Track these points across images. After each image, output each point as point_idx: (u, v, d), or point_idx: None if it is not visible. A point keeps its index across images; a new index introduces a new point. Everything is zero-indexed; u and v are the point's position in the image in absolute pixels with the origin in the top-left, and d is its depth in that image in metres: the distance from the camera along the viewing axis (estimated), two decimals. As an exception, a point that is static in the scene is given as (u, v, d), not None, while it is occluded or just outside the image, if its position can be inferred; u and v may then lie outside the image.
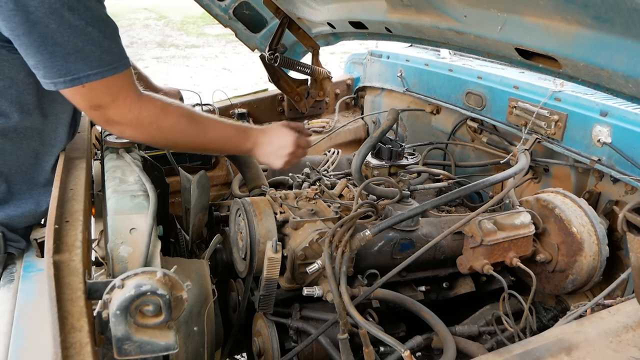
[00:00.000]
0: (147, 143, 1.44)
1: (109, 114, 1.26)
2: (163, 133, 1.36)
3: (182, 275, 1.12)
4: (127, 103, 1.27)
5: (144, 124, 1.31)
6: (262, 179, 2.01)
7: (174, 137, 1.39)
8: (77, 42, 1.13)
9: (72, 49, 1.13)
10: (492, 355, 0.94)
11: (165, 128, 1.35)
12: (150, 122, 1.32)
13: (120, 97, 1.26)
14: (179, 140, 1.42)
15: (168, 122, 1.35)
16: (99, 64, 1.17)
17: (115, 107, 1.26)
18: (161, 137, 1.38)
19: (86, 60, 1.15)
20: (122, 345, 0.81)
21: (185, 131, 1.40)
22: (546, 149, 1.98)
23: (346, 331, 1.33)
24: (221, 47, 12.64)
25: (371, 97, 2.97)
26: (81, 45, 1.13)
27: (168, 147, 1.46)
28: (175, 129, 1.37)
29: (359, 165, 1.66)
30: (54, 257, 0.93)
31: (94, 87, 1.20)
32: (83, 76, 1.16)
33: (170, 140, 1.42)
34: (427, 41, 1.78)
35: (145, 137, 1.37)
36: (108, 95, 1.24)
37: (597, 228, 1.59)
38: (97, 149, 1.90)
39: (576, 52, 1.19)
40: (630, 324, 1.01)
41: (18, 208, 1.35)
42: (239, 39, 2.73)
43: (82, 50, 1.14)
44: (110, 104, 1.25)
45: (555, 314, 1.71)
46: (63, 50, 1.12)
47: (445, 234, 1.44)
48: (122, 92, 1.26)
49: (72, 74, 1.15)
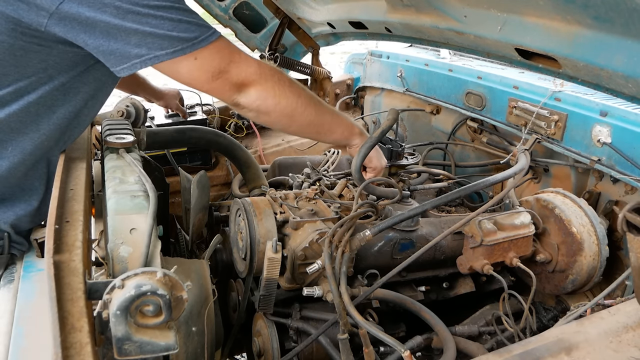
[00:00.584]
0: (269, 106, 1.35)
1: (232, 75, 1.25)
2: (284, 87, 1.33)
3: (182, 275, 1.12)
4: (243, 58, 1.27)
5: (266, 74, 1.30)
6: (262, 179, 2.01)
7: (293, 95, 1.35)
8: (173, 18, 1.14)
9: (171, 26, 1.14)
10: (492, 355, 0.94)
11: (286, 82, 1.34)
12: (271, 72, 1.31)
13: (235, 55, 1.25)
14: (294, 99, 1.36)
15: (287, 78, 1.34)
16: (201, 32, 1.18)
17: (236, 66, 1.25)
18: (282, 93, 1.33)
19: (187, 31, 1.16)
20: (122, 346, 0.81)
21: (304, 94, 1.38)
22: (546, 149, 1.98)
23: (346, 331, 1.33)
24: (221, 47, 12.61)
25: (371, 97, 2.97)
26: (177, 20, 1.15)
27: (286, 110, 1.38)
28: (295, 87, 1.36)
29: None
30: (54, 257, 0.93)
31: (207, 54, 1.20)
32: (188, 46, 1.15)
33: (289, 98, 1.35)
34: (427, 41, 1.79)
35: (267, 92, 1.31)
36: (224, 58, 1.23)
37: (597, 228, 1.59)
38: (97, 149, 1.90)
39: (576, 52, 1.19)
40: (630, 324, 1.01)
41: (28, 206, 1.35)
42: (239, 39, 2.73)
43: (180, 24, 1.15)
44: (229, 64, 1.24)
45: (555, 314, 1.72)
46: (162, 29, 1.13)
47: (445, 234, 1.44)
48: (234, 51, 1.26)
49: (176, 45, 1.14)
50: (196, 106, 2.59)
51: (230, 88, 1.27)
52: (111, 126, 1.62)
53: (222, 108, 2.62)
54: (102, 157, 1.55)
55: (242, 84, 1.27)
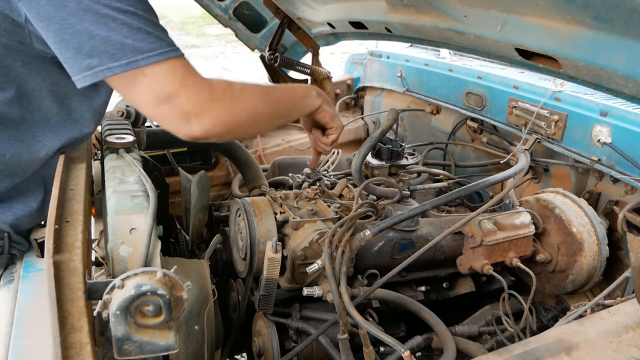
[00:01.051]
0: (227, 123, 1.24)
1: (182, 102, 1.12)
2: (237, 101, 1.23)
3: (182, 275, 1.12)
4: (195, 83, 1.15)
5: (218, 97, 1.17)
6: (262, 179, 2.01)
7: (248, 103, 1.26)
8: (133, 24, 1.06)
9: (128, 32, 1.05)
10: (492, 355, 0.94)
11: (237, 94, 1.23)
12: (223, 92, 1.19)
13: (189, 80, 1.14)
14: (251, 105, 1.27)
15: (237, 87, 1.23)
16: (159, 45, 1.08)
17: (185, 91, 1.12)
18: (238, 108, 1.23)
19: (145, 41, 1.07)
20: (122, 346, 0.81)
21: (255, 94, 1.29)
22: (546, 149, 1.98)
23: (346, 331, 1.33)
24: (221, 47, 12.64)
25: (371, 97, 2.97)
26: (136, 28, 1.06)
27: (247, 120, 1.30)
28: (246, 92, 1.25)
29: (359, 165, 1.66)
30: (54, 257, 0.93)
31: (157, 72, 1.09)
32: (141, 58, 1.06)
33: (247, 108, 1.26)
34: (427, 41, 1.78)
35: (224, 115, 1.20)
36: (174, 81, 1.11)
37: (597, 228, 1.59)
38: (97, 149, 1.90)
39: (576, 52, 1.19)
40: (630, 324, 1.01)
41: (26, 207, 1.34)
42: (239, 39, 2.73)
43: (139, 32, 1.06)
44: (179, 88, 1.12)
45: (555, 314, 1.71)
46: (118, 34, 1.04)
47: (445, 234, 1.44)
48: (188, 74, 1.14)
49: (130, 56, 1.05)
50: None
51: (180, 117, 1.13)
52: (111, 126, 1.62)
53: (222, 108, 2.62)
54: (102, 157, 1.55)
55: (192, 113, 1.14)
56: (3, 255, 1.30)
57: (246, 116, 1.27)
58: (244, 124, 1.28)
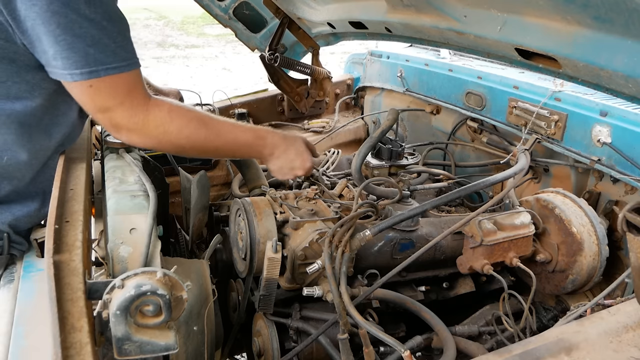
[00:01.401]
0: (154, 149, 1.39)
1: (116, 117, 1.23)
2: (170, 137, 1.31)
3: (182, 275, 1.12)
4: (133, 106, 1.23)
5: (150, 128, 1.27)
6: (262, 179, 2.01)
7: (181, 142, 1.34)
8: (95, 34, 1.11)
9: (91, 41, 1.11)
10: (492, 355, 0.94)
11: (173, 132, 1.30)
12: (156, 125, 1.27)
13: (127, 100, 1.22)
14: (186, 145, 1.36)
15: (175, 126, 1.30)
16: (114, 59, 1.15)
17: (122, 111, 1.22)
18: (168, 142, 1.33)
19: (104, 52, 1.13)
20: (122, 345, 0.81)
21: (194, 136, 1.35)
22: (546, 149, 1.98)
23: (346, 331, 1.33)
24: (221, 47, 12.64)
25: (371, 97, 2.97)
26: (98, 38, 1.12)
27: (177, 152, 1.43)
28: (183, 134, 1.32)
29: (359, 165, 1.66)
30: (54, 257, 0.93)
31: (104, 86, 1.17)
32: (101, 69, 1.13)
33: (178, 145, 1.36)
34: (427, 41, 1.78)
35: (153, 143, 1.32)
36: (116, 97, 1.21)
37: (597, 228, 1.59)
38: (97, 149, 1.90)
39: (576, 52, 1.19)
40: (630, 324, 1.01)
41: (24, 207, 1.34)
42: (239, 39, 2.73)
43: (99, 43, 1.12)
44: (117, 106, 1.22)
45: (555, 314, 1.72)
46: (82, 42, 1.10)
47: (445, 234, 1.44)
48: (131, 94, 1.23)
49: (91, 65, 1.12)
50: (196, 106, 2.59)
51: (112, 127, 1.25)
52: (111, 126, 1.62)
53: (222, 108, 2.62)
54: (102, 157, 1.56)
55: (122, 127, 1.25)
56: (3, 256, 1.31)
57: (174, 151, 1.40)
58: (171, 152, 1.42)
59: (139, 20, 15.77)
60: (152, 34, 14.07)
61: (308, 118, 2.88)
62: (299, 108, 2.82)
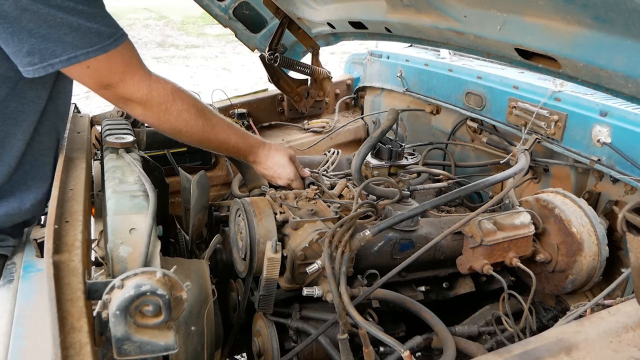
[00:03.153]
0: (153, 125, 1.44)
1: (119, 91, 1.27)
2: (169, 116, 1.36)
3: (182, 275, 1.12)
4: (135, 81, 1.27)
5: (153, 103, 1.32)
6: (262, 179, 2.01)
7: (179, 125, 1.40)
8: (73, 21, 1.11)
9: (68, 29, 1.11)
10: (492, 355, 0.94)
11: (173, 112, 1.36)
12: (159, 102, 1.32)
13: (128, 75, 1.26)
14: (183, 129, 1.42)
15: (176, 107, 1.35)
16: (98, 40, 1.16)
17: (124, 86, 1.26)
18: (167, 121, 1.38)
19: (84, 38, 1.14)
20: (121, 346, 0.81)
21: (191, 122, 1.41)
22: (546, 149, 1.98)
23: (346, 331, 1.33)
24: (221, 47, 12.64)
25: (371, 97, 2.97)
26: (76, 25, 1.12)
27: (172, 134, 1.47)
28: (182, 117, 1.38)
29: (359, 165, 1.66)
30: (54, 257, 0.93)
31: (99, 65, 1.20)
32: (81, 54, 1.15)
33: (175, 127, 1.41)
34: (427, 41, 1.78)
35: (153, 118, 1.37)
36: (115, 73, 1.24)
37: (597, 228, 1.59)
38: (97, 149, 1.90)
39: (576, 52, 1.19)
40: (630, 324, 1.01)
41: (1, 207, 1.33)
42: (239, 39, 2.73)
43: (78, 30, 1.13)
44: (119, 82, 1.25)
45: (555, 314, 1.72)
46: (58, 32, 1.10)
47: (445, 234, 1.44)
48: (130, 69, 1.26)
49: (70, 52, 1.13)
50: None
51: (116, 100, 1.32)
52: (111, 126, 1.62)
53: (222, 108, 2.62)
54: (101, 157, 1.56)
55: (128, 100, 1.31)
56: None
57: (170, 131, 1.44)
58: (167, 132, 1.44)
59: (139, 20, 15.77)
60: (152, 34, 14.07)
61: (308, 118, 2.88)
62: (299, 108, 2.82)
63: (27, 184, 1.36)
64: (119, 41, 1.21)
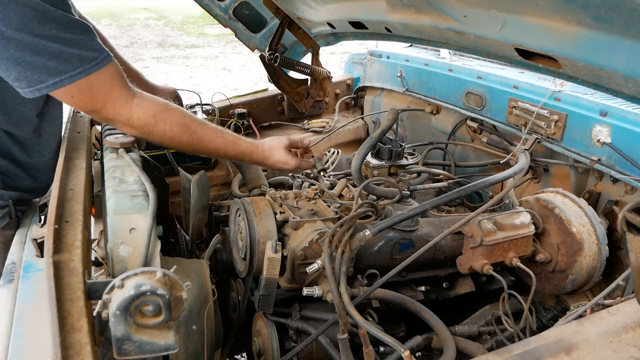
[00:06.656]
0: (140, 135, 1.49)
1: (102, 115, 1.35)
2: (154, 136, 1.43)
3: (182, 275, 1.12)
4: (116, 108, 1.33)
5: (135, 126, 1.38)
6: (262, 179, 2.01)
7: (164, 141, 1.46)
8: (55, 48, 1.18)
9: (51, 55, 1.17)
10: (492, 355, 0.94)
11: (157, 133, 1.42)
12: (141, 125, 1.39)
13: (109, 102, 1.31)
14: (169, 144, 1.48)
15: (159, 129, 1.41)
16: (79, 64, 1.22)
17: (106, 111, 1.33)
18: (152, 139, 1.45)
19: (66, 62, 1.20)
20: (121, 345, 0.81)
21: (175, 139, 1.46)
22: (546, 149, 1.97)
23: (346, 331, 1.33)
24: (221, 47, 12.64)
25: (371, 97, 2.97)
26: (59, 51, 1.18)
27: (164, 146, 1.57)
28: (166, 136, 1.44)
29: (359, 165, 1.66)
30: (54, 257, 0.93)
31: (83, 88, 1.25)
32: (65, 78, 1.21)
33: (161, 143, 1.48)
34: (427, 41, 1.78)
35: (139, 136, 1.45)
36: (98, 101, 1.30)
37: (597, 228, 1.59)
38: (97, 149, 1.90)
39: (576, 52, 1.19)
40: (630, 324, 1.01)
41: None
42: (239, 39, 2.73)
43: (61, 55, 1.19)
44: (101, 108, 1.32)
45: (555, 314, 1.71)
46: (42, 58, 1.16)
47: (445, 234, 1.44)
48: (110, 97, 1.31)
49: (54, 77, 1.19)
50: (196, 106, 2.59)
51: (103, 120, 1.40)
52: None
53: (222, 108, 2.62)
54: (102, 157, 1.55)
55: (112, 121, 1.38)
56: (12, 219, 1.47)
57: (161, 144, 1.50)
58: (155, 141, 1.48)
59: (139, 20, 15.78)
60: (152, 34, 14.07)
61: (308, 118, 2.88)
62: (299, 108, 2.82)
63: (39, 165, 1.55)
64: (101, 64, 1.26)
